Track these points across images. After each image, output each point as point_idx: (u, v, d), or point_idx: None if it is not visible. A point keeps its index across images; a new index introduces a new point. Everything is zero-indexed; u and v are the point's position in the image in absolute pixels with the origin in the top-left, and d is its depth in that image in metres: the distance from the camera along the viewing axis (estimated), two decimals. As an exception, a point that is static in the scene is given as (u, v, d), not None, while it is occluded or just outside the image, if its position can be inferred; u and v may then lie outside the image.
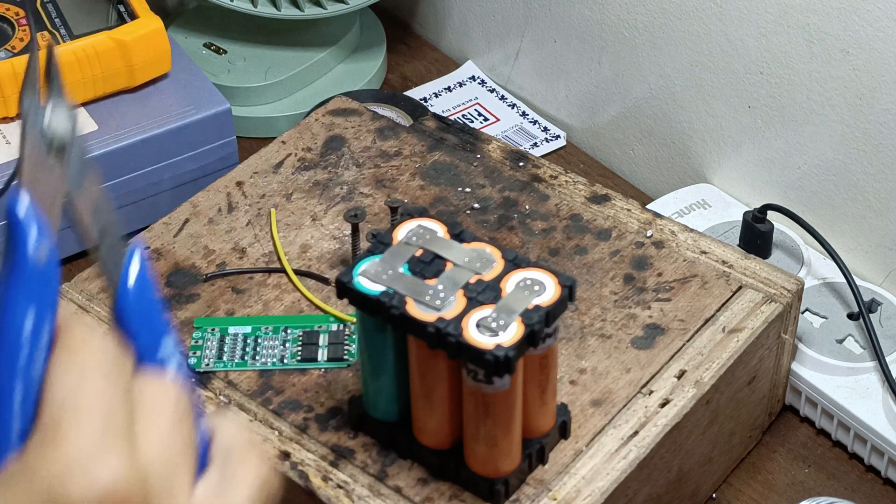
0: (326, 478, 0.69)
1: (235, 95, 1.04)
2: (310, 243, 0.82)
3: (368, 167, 0.87)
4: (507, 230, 0.83)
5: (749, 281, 0.79)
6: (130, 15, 0.95)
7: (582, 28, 1.01)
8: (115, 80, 0.94)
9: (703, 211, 0.93)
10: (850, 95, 0.85)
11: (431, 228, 0.66)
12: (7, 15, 0.95)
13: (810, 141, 0.89)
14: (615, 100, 1.01)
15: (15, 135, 0.92)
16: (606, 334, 0.76)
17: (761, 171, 0.93)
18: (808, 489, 0.81)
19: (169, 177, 0.95)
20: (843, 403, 0.81)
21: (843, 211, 0.89)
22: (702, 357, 0.75)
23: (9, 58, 0.91)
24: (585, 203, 0.84)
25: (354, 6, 1.05)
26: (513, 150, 0.88)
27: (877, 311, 0.85)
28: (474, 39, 1.11)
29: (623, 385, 0.73)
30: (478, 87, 1.10)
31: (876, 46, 0.82)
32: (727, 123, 0.94)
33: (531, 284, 0.63)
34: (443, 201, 0.85)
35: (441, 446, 0.68)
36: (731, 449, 0.80)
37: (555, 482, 0.69)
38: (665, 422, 0.71)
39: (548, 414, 0.68)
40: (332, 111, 0.92)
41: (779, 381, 0.82)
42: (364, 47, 1.12)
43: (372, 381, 0.68)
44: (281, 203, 0.85)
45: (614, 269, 0.80)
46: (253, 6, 1.05)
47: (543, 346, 0.65)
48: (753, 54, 0.89)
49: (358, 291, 0.64)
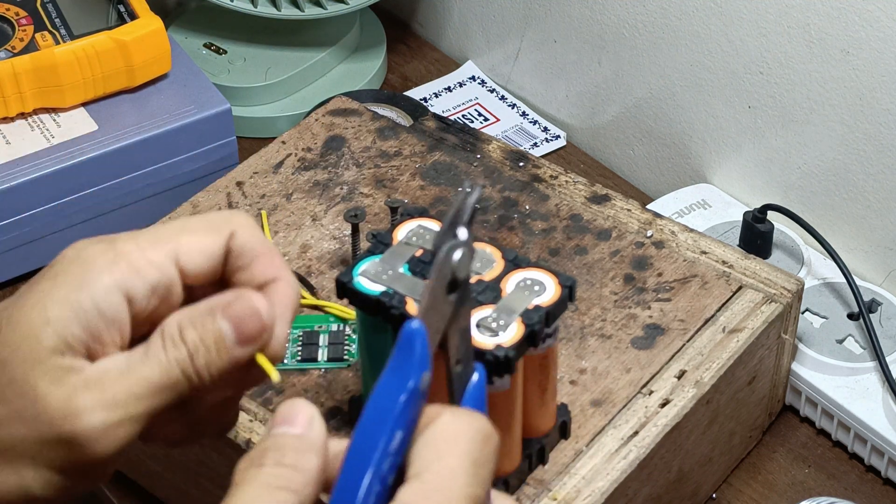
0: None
1: (235, 95, 1.04)
2: (310, 243, 0.82)
3: (368, 167, 0.87)
4: (507, 230, 0.83)
5: (749, 281, 0.79)
6: (130, 15, 0.95)
7: (582, 28, 1.01)
8: (115, 80, 0.94)
9: (703, 211, 0.93)
10: (850, 95, 0.85)
11: (431, 228, 0.66)
12: (7, 15, 0.95)
13: (810, 141, 0.89)
14: (615, 100, 1.01)
15: (15, 135, 0.92)
16: (606, 334, 0.76)
17: (761, 171, 0.93)
18: (808, 489, 0.81)
19: (169, 177, 0.95)
20: (844, 403, 0.81)
21: (843, 211, 0.89)
22: (702, 357, 0.75)
23: (9, 58, 0.91)
24: (585, 203, 0.84)
25: (354, 6, 1.05)
26: (513, 150, 0.88)
27: (877, 311, 0.85)
28: (474, 39, 1.11)
29: (623, 385, 0.73)
30: (478, 87, 1.10)
31: (876, 46, 0.82)
32: (727, 123, 0.94)
33: (531, 284, 0.63)
34: (443, 201, 0.85)
35: (441, 446, 0.68)
36: (731, 449, 0.80)
37: (555, 482, 0.69)
38: (665, 422, 0.71)
39: (548, 414, 0.69)
40: (332, 111, 0.92)
41: (779, 382, 0.82)
42: (364, 47, 1.12)
43: (372, 381, 0.68)
44: (281, 203, 0.85)
45: (614, 269, 0.80)
46: (253, 6, 1.05)
47: (543, 346, 0.65)
48: (753, 54, 0.89)
49: (358, 291, 0.64)
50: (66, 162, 0.90)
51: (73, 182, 0.91)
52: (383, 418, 0.47)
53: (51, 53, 0.91)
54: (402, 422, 0.47)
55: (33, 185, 0.90)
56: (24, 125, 0.93)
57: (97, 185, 0.92)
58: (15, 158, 0.90)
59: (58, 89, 0.92)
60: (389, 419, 0.47)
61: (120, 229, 0.94)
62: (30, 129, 0.92)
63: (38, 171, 0.90)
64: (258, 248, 0.56)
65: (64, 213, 0.92)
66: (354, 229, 0.80)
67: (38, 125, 0.93)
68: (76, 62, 0.92)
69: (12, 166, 0.90)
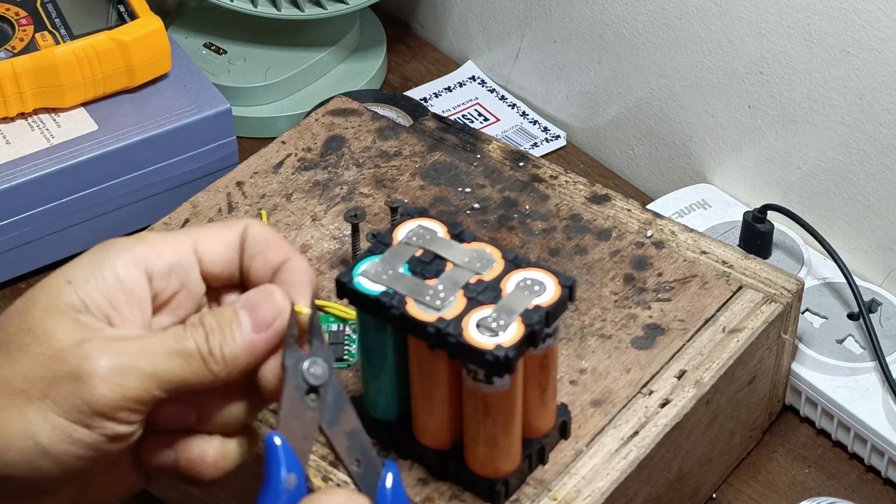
0: (326, 478, 0.69)
1: (235, 95, 1.04)
2: (310, 243, 0.82)
3: (368, 167, 0.87)
4: (507, 230, 0.83)
5: (749, 281, 0.79)
6: (130, 15, 0.95)
7: (582, 28, 1.01)
8: (115, 80, 0.94)
9: (703, 211, 0.93)
10: (850, 95, 0.85)
11: (431, 228, 0.66)
12: (7, 15, 0.95)
13: (810, 141, 0.89)
14: (615, 100, 1.01)
15: (15, 135, 0.92)
16: (606, 334, 0.76)
17: (761, 171, 0.93)
18: (808, 489, 0.81)
19: (169, 177, 0.95)
20: (843, 403, 0.81)
21: (843, 211, 0.89)
22: (702, 357, 0.75)
23: (9, 58, 0.91)
24: (585, 203, 0.84)
25: (354, 6, 1.05)
26: (513, 150, 0.88)
27: (877, 311, 0.85)
28: (474, 39, 1.11)
29: (623, 385, 0.73)
30: (478, 87, 1.10)
31: (876, 46, 0.82)
32: (727, 123, 0.94)
33: (531, 284, 0.63)
34: (443, 201, 0.85)
35: (441, 446, 0.68)
36: (731, 449, 0.80)
37: (555, 482, 0.69)
38: (665, 422, 0.71)
39: (548, 414, 0.69)
40: (332, 111, 0.92)
41: (779, 382, 0.82)
42: (364, 47, 1.12)
43: (372, 381, 0.68)
44: (281, 203, 0.85)
45: (614, 269, 0.80)
46: (253, 6, 1.05)
47: (543, 346, 0.65)
48: (753, 54, 0.89)
49: (358, 291, 0.64)
50: (66, 162, 0.90)
51: (73, 182, 0.91)
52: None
53: (51, 53, 0.91)
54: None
55: (33, 185, 0.90)
56: (24, 125, 0.93)
57: (97, 185, 0.92)
58: (15, 158, 0.90)
59: (58, 89, 0.92)
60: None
61: (120, 229, 0.94)
62: (30, 129, 0.92)
63: (38, 171, 0.90)
64: (270, 235, 0.59)
65: (64, 213, 0.92)
66: (354, 229, 0.80)
67: (38, 125, 0.93)
68: (76, 62, 0.92)
69: (12, 166, 0.90)
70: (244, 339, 0.56)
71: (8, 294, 0.93)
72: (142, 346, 0.54)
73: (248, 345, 0.56)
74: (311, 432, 0.54)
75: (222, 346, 0.55)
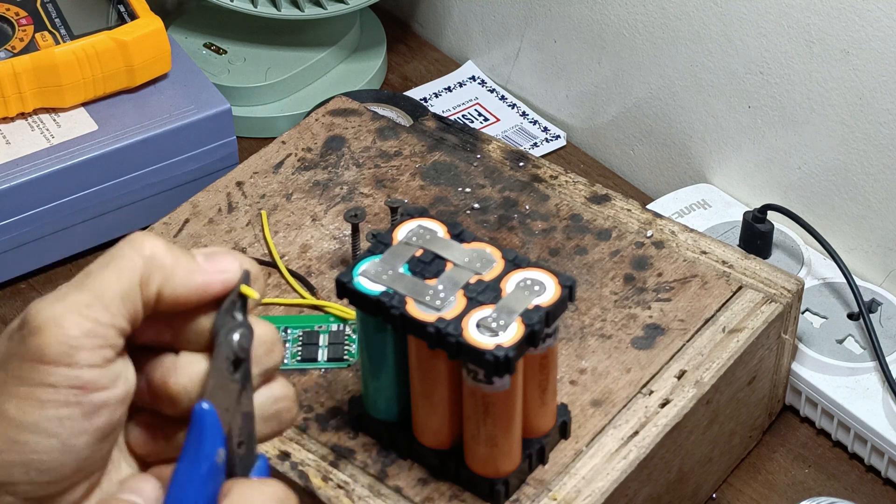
0: (326, 478, 0.69)
1: (235, 95, 1.04)
2: (310, 243, 0.82)
3: (368, 167, 0.87)
4: (507, 230, 0.83)
5: (749, 281, 0.79)
6: (130, 15, 0.95)
7: (582, 28, 1.01)
8: (115, 80, 0.94)
9: (703, 211, 0.93)
10: (850, 95, 0.85)
11: (431, 228, 0.66)
12: (7, 15, 0.95)
13: (810, 141, 0.89)
14: (615, 100, 1.01)
15: (15, 135, 0.92)
16: (606, 334, 0.76)
17: (761, 171, 0.93)
18: (808, 489, 0.81)
19: (169, 177, 0.95)
20: (843, 403, 0.81)
21: (843, 211, 0.89)
22: (702, 357, 0.75)
23: (9, 58, 0.91)
24: (585, 203, 0.84)
25: (354, 6, 1.05)
26: (513, 150, 0.88)
27: (877, 311, 0.85)
28: (474, 39, 1.11)
29: (623, 385, 0.73)
30: (478, 87, 1.10)
31: (876, 46, 0.82)
32: (727, 123, 0.94)
33: (531, 284, 0.63)
34: (443, 201, 0.85)
35: (441, 446, 0.68)
36: (731, 449, 0.80)
37: (555, 482, 0.69)
38: (665, 422, 0.71)
39: (548, 414, 0.69)
40: (332, 111, 0.92)
41: (779, 381, 0.82)
42: (364, 47, 1.12)
43: (372, 381, 0.68)
44: (281, 203, 0.85)
45: (614, 269, 0.80)
46: (253, 6, 1.05)
47: (543, 346, 0.65)
48: (753, 54, 0.89)
49: (358, 291, 0.64)
50: (66, 162, 0.90)
51: (73, 182, 0.91)
52: (184, 502, 0.50)
53: (51, 53, 0.91)
54: (203, 501, 0.50)
55: (33, 185, 0.90)
56: (24, 125, 0.93)
57: (97, 185, 0.92)
58: (15, 158, 0.90)
59: (58, 89, 0.92)
60: (189, 501, 0.50)
61: (120, 229, 0.95)
62: (30, 129, 0.92)
63: (38, 171, 0.90)
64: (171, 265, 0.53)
65: (64, 213, 0.92)
66: (354, 229, 0.80)
67: (38, 125, 0.93)
68: (76, 62, 0.92)
69: (12, 166, 0.90)
70: (197, 266, 0.52)
71: (8, 294, 0.93)
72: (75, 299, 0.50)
73: (199, 273, 0.52)
74: (232, 405, 0.52)
75: (176, 265, 0.52)
